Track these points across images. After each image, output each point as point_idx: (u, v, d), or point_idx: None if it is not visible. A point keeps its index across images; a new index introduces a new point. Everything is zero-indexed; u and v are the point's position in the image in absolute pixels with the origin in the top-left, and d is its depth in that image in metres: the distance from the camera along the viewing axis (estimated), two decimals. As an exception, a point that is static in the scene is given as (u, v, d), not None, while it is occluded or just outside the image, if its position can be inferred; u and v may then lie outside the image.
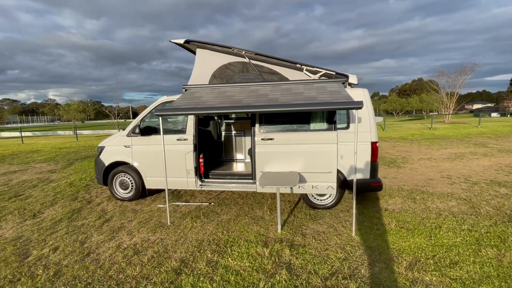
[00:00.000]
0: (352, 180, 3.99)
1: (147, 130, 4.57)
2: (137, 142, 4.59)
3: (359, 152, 3.98)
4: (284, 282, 2.46)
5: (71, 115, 28.37)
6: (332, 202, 4.20)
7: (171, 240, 3.31)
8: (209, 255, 2.95)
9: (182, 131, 4.44)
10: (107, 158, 4.76)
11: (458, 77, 26.52)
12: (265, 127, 4.14)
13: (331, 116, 3.99)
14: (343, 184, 4.13)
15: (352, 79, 4.11)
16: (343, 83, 4.06)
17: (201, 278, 2.53)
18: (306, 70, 4.25)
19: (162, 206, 4.51)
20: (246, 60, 4.40)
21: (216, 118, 6.14)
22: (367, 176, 4.04)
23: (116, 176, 4.80)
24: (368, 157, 3.98)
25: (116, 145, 4.71)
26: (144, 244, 3.22)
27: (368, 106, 3.99)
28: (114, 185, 4.83)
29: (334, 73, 4.17)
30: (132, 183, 4.74)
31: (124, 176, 4.77)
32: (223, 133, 6.02)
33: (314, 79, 4.18)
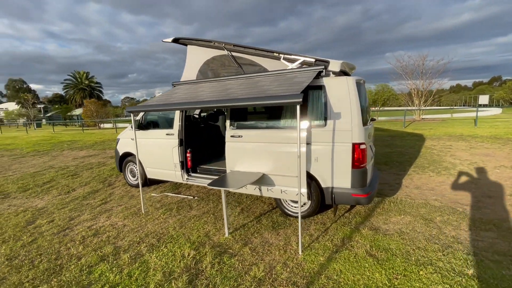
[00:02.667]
0: (329, 188, 3.36)
1: (147, 125, 5.01)
2: (139, 135, 5.09)
3: (337, 155, 3.28)
4: (174, 290, 2.32)
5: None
6: (305, 212, 3.62)
7: (129, 228, 3.58)
8: (142, 247, 3.06)
9: (171, 126, 4.66)
10: (121, 149, 5.49)
11: None
12: (235, 123, 3.91)
13: (302, 111, 3.42)
14: (321, 192, 3.47)
15: (333, 66, 3.38)
16: (320, 72, 3.39)
17: (113, 268, 2.66)
18: (284, 59, 3.75)
19: (155, 195, 4.91)
20: (227, 52, 4.21)
21: (226, 113, 6.15)
22: (348, 185, 3.29)
23: (127, 165, 5.49)
24: (348, 162, 3.23)
25: (126, 138, 5.36)
26: (107, 228, 3.61)
27: (351, 99, 3.21)
28: (126, 172, 5.55)
29: (314, 60, 3.53)
30: (140, 172, 5.32)
31: (132, 165, 5.41)
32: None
33: (291, 69, 3.65)
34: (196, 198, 4.66)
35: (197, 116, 6.21)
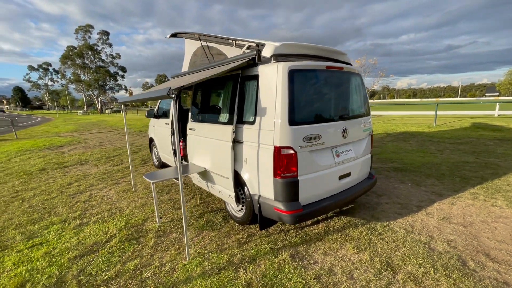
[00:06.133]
0: (256, 195, 2.92)
1: (161, 114, 5.65)
2: (156, 123, 5.83)
3: (262, 159, 2.76)
4: (60, 262, 2.70)
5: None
6: (241, 218, 3.22)
7: (110, 200, 4.28)
8: (94, 218, 3.63)
9: (168, 116, 5.09)
10: (149, 134, 6.45)
11: None
12: (193, 116, 3.88)
13: (232, 104, 3.04)
14: (252, 198, 3.01)
15: (266, 50, 2.77)
16: (252, 58, 2.86)
17: (59, 230, 3.32)
18: (236, 45, 3.36)
19: (160, 176, 5.56)
20: (203, 43, 4.16)
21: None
22: (271, 196, 2.71)
23: (153, 148, 6.42)
24: (270, 168, 2.65)
25: (151, 125, 6.24)
26: (98, 198, 4.43)
27: (277, 92, 2.58)
28: (152, 154, 6.50)
29: (254, 45, 3.00)
30: (157, 155, 6.15)
31: (154, 149, 6.28)
32: None
33: (234, 57, 3.26)
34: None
35: None
